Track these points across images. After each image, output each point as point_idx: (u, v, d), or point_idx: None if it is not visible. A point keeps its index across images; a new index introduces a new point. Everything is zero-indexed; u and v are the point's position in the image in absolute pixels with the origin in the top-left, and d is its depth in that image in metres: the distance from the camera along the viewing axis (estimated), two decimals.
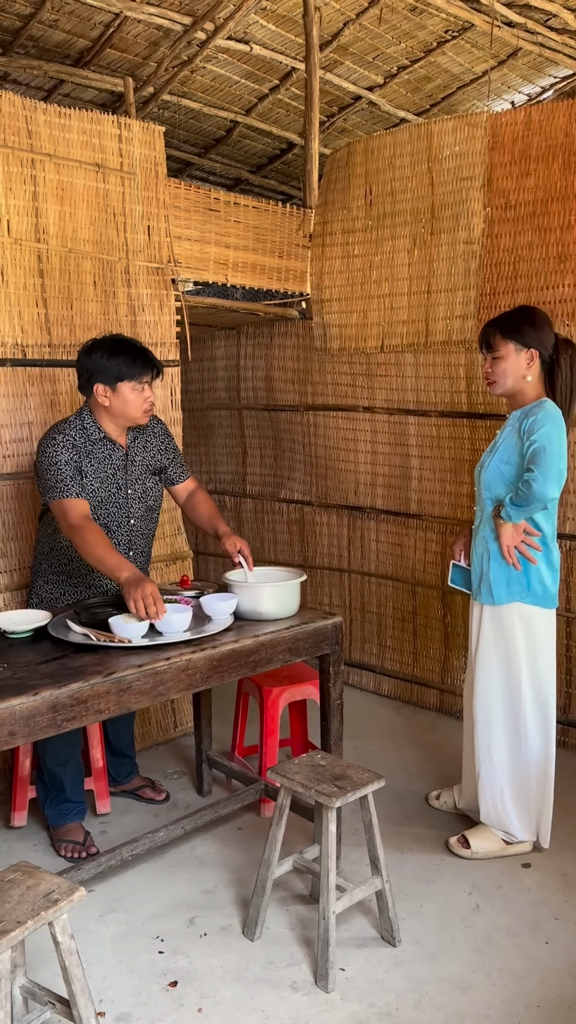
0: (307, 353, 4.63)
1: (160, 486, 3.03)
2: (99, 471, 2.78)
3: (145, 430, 2.94)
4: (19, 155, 3.17)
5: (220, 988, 2.31)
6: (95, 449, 2.78)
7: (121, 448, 2.84)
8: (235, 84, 6.08)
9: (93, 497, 2.76)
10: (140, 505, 2.92)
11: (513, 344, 2.75)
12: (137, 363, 2.73)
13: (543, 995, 2.27)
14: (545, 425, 2.66)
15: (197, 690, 2.45)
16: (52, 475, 2.68)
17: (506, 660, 2.83)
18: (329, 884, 2.31)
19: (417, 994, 2.28)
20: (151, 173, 3.60)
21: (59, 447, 2.70)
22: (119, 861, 2.70)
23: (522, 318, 2.78)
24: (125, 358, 2.71)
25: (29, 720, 2.04)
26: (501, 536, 2.77)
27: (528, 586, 2.78)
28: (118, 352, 2.72)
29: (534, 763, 2.87)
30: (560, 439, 2.65)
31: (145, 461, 2.94)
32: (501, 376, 2.79)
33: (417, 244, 4.06)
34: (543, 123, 3.61)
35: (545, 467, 2.62)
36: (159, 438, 3.01)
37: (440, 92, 6.45)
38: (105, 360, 2.70)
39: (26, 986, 2.01)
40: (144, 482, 2.93)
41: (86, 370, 2.74)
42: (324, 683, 2.81)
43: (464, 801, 3.13)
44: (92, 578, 2.91)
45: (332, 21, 5.35)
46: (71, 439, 2.73)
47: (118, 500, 2.84)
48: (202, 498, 3.09)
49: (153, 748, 3.80)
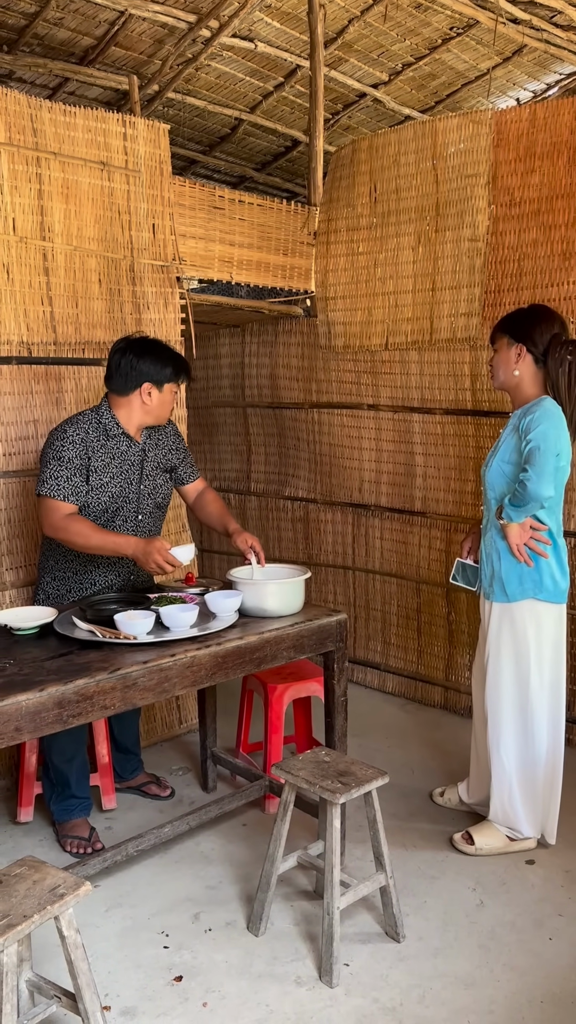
0: (312, 351, 4.64)
1: (169, 484, 3.06)
2: (113, 465, 2.81)
3: (158, 428, 2.99)
4: (24, 153, 3.18)
5: (225, 983, 2.32)
6: (111, 444, 2.81)
7: (138, 444, 2.89)
8: (240, 82, 6.08)
9: (104, 491, 2.79)
10: (150, 502, 2.95)
11: (506, 338, 2.83)
12: (182, 367, 2.88)
13: (547, 991, 2.28)
14: (541, 423, 2.67)
15: (202, 687, 2.46)
16: (50, 470, 2.72)
17: (517, 657, 2.84)
18: (333, 880, 2.32)
19: (421, 989, 2.29)
20: (156, 171, 3.61)
21: (67, 441, 2.73)
22: (124, 857, 2.71)
23: (521, 314, 2.85)
24: (172, 362, 2.85)
25: (35, 716, 2.05)
26: (508, 536, 2.78)
27: (540, 582, 2.79)
28: (166, 356, 2.85)
29: (543, 760, 2.87)
30: (556, 436, 2.66)
31: (158, 459, 2.98)
32: (495, 368, 2.89)
33: (422, 242, 4.06)
34: (548, 120, 3.61)
35: (540, 466, 2.64)
36: (170, 438, 3.05)
37: (445, 89, 6.45)
38: (156, 364, 2.81)
39: (32, 980, 2.02)
40: (155, 479, 2.97)
41: (135, 370, 2.79)
42: (328, 680, 2.82)
43: (472, 796, 3.13)
44: (98, 574, 2.92)
45: (337, 18, 5.35)
46: (82, 433, 2.76)
47: (129, 495, 2.87)
48: (211, 497, 3.14)
49: (158, 745, 3.82)
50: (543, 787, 2.89)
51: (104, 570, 2.92)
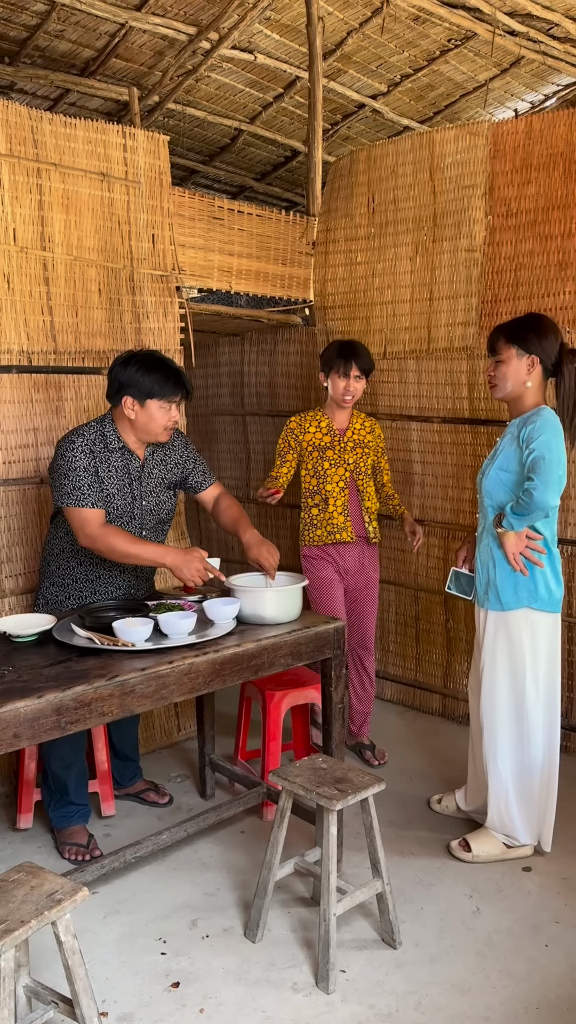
0: (311, 360, 4.66)
1: (174, 500, 3.04)
2: (114, 480, 2.81)
3: (164, 444, 2.95)
4: (25, 164, 3.21)
5: (222, 989, 2.33)
6: (112, 457, 2.80)
7: (138, 459, 2.87)
8: (239, 93, 6.13)
9: (110, 503, 2.79)
10: (152, 518, 2.95)
11: (515, 349, 2.78)
12: (170, 383, 2.76)
13: (543, 997, 2.29)
14: (544, 433, 2.68)
15: (200, 694, 2.47)
16: (70, 481, 2.70)
17: (513, 665, 2.86)
18: (330, 886, 2.33)
19: (417, 996, 2.30)
20: (155, 182, 3.64)
21: (77, 451, 2.73)
22: (122, 863, 2.72)
23: (527, 324, 2.81)
24: (159, 376, 2.74)
25: (34, 722, 2.06)
26: (504, 545, 2.79)
27: (536, 591, 2.80)
28: (153, 369, 2.75)
29: (538, 767, 2.89)
30: (559, 446, 2.67)
31: (162, 475, 2.96)
32: (502, 380, 2.83)
33: (419, 252, 4.10)
34: (544, 132, 3.64)
35: (545, 475, 2.64)
36: (178, 450, 3.02)
37: (443, 100, 6.49)
38: (140, 375, 2.73)
39: (30, 985, 2.03)
40: (158, 495, 2.95)
41: (118, 381, 2.76)
42: (326, 687, 2.83)
43: (469, 804, 3.14)
44: (99, 582, 2.94)
45: (336, 30, 5.40)
46: (89, 443, 2.76)
47: (131, 511, 2.87)
48: (227, 503, 3.09)
49: (157, 752, 3.83)
50: (539, 795, 2.91)
51: (106, 577, 2.94)
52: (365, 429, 3.68)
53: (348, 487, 3.60)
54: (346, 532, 3.58)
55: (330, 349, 3.58)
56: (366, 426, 3.70)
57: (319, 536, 3.60)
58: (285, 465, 3.62)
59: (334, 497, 3.57)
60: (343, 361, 3.48)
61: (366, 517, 3.63)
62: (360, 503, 3.62)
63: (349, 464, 3.60)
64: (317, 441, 3.60)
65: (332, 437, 3.60)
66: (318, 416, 3.65)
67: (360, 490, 3.62)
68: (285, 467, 3.62)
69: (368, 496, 3.64)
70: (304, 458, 3.63)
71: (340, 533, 3.58)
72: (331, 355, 3.54)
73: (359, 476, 3.62)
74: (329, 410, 3.64)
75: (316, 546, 3.63)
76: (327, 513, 3.58)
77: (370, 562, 3.71)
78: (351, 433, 3.63)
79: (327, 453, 3.58)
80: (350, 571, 3.66)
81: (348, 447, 3.61)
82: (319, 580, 3.62)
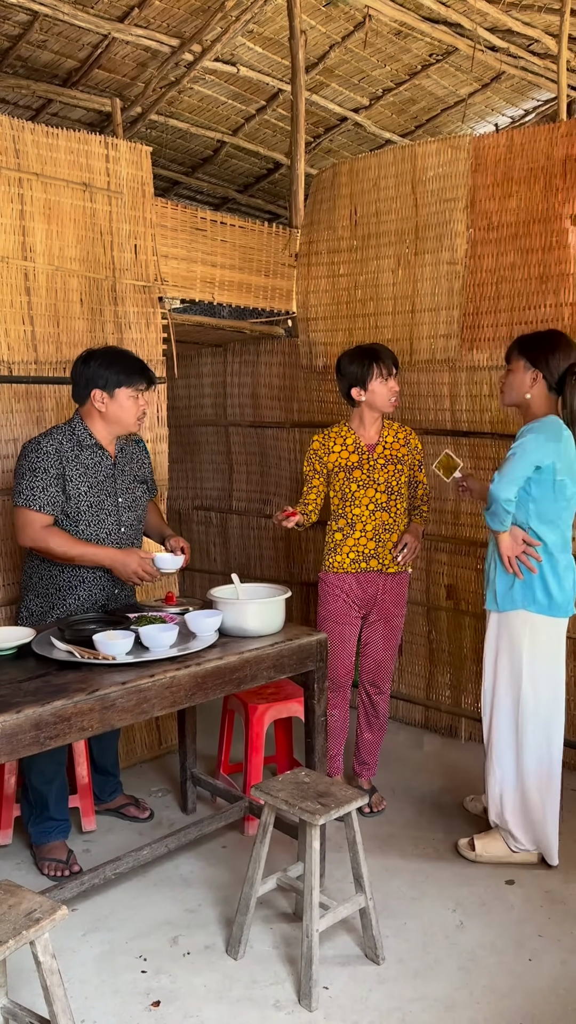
0: (293, 371, 4.66)
1: (147, 496, 3.11)
2: (87, 476, 2.83)
3: (129, 444, 3.04)
4: (6, 174, 3.20)
5: (203, 1007, 2.30)
6: (84, 455, 2.84)
7: (110, 456, 2.91)
8: (222, 105, 6.15)
9: (83, 500, 2.81)
10: (130, 514, 2.97)
11: (523, 361, 2.86)
12: (135, 371, 2.85)
13: (527, 1013, 2.28)
14: (528, 435, 2.73)
15: (181, 707, 2.45)
16: (27, 481, 2.74)
17: (511, 667, 2.87)
18: (312, 902, 2.31)
19: (401, 1012, 2.28)
20: (138, 192, 3.63)
21: (41, 453, 2.76)
22: (102, 880, 2.69)
23: (540, 340, 2.87)
24: (123, 366, 2.83)
25: (12, 738, 2.03)
26: (499, 546, 2.83)
27: (533, 594, 2.82)
28: (115, 360, 2.83)
29: (533, 775, 2.87)
30: (536, 448, 2.70)
31: (133, 472, 3.03)
32: (507, 389, 2.93)
33: (401, 264, 4.11)
34: (525, 146, 3.67)
35: (506, 470, 2.72)
36: (141, 454, 3.12)
37: (425, 114, 6.55)
38: (103, 368, 2.81)
39: (7, 1006, 2.00)
40: (134, 491, 3.00)
41: (83, 378, 2.83)
42: (308, 700, 2.82)
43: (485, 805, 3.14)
44: (82, 592, 2.91)
45: (318, 44, 5.43)
46: (56, 445, 2.79)
47: (108, 507, 2.89)
48: (153, 508, 3.23)
49: (138, 765, 3.79)
50: (537, 804, 2.88)
51: (88, 587, 2.91)
52: (399, 442, 3.32)
53: (379, 510, 3.26)
54: (374, 560, 3.27)
55: (355, 360, 3.22)
56: (399, 438, 3.34)
57: (338, 563, 3.28)
58: (312, 491, 3.32)
59: (362, 521, 3.24)
60: (381, 364, 3.18)
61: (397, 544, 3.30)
62: (393, 528, 3.29)
63: (380, 484, 3.25)
64: (343, 461, 3.25)
65: (360, 455, 3.26)
66: (343, 432, 3.30)
67: (393, 514, 3.28)
68: (312, 493, 3.32)
69: (402, 520, 3.32)
70: (331, 479, 3.30)
71: (365, 562, 3.27)
72: (362, 364, 3.19)
73: (392, 496, 3.28)
74: (355, 423, 3.31)
75: (334, 572, 3.30)
76: (352, 539, 3.26)
77: (395, 594, 3.35)
78: (381, 448, 3.28)
79: (354, 473, 3.24)
80: (371, 602, 3.33)
81: (379, 464, 3.25)
82: (327, 612, 3.32)
